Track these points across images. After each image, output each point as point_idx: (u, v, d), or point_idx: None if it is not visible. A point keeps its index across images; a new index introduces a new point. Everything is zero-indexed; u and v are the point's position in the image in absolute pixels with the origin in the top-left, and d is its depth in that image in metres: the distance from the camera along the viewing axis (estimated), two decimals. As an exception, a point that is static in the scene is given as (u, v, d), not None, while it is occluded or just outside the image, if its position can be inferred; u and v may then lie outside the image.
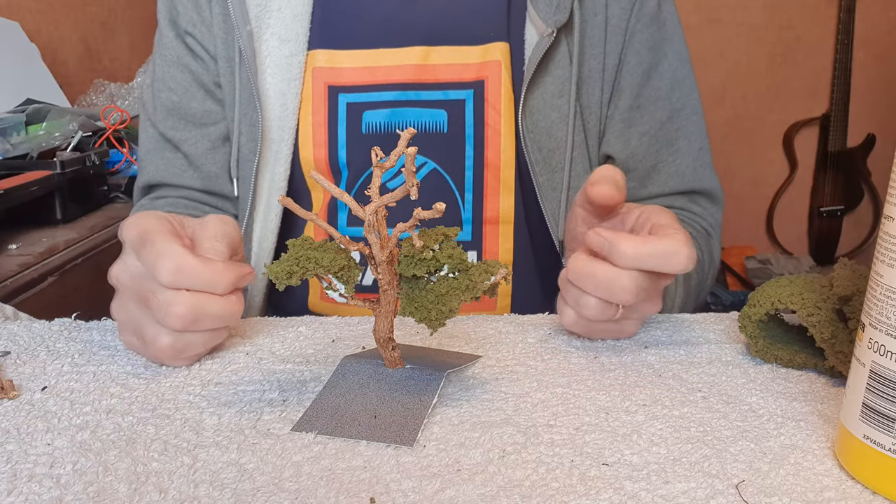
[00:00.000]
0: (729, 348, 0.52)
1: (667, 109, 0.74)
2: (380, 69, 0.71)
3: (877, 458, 0.34)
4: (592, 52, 0.71)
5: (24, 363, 0.50)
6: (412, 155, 0.38)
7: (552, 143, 0.70)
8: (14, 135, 1.19)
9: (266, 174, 0.73)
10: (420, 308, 0.42)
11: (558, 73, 0.70)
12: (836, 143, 2.62)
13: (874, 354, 0.34)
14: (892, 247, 0.33)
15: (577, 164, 0.71)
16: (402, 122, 0.71)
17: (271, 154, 0.73)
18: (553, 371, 0.48)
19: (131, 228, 0.47)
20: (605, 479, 0.36)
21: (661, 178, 0.75)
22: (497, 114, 0.70)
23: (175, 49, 0.77)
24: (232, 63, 0.74)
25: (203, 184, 0.78)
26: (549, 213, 0.71)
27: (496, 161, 0.71)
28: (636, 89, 0.73)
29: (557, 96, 0.70)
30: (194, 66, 0.76)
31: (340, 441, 0.39)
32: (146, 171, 0.80)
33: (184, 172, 0.78)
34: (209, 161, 0.78)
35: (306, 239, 0.42)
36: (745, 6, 2.60)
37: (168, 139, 0.78)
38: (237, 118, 0.74)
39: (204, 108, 0.77)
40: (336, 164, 0.73)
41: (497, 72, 0.70)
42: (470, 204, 0.72)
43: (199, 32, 0.75)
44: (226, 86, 0.75)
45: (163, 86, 0.77)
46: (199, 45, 0.76)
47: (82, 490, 0.35)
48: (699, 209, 0.76)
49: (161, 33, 0.78)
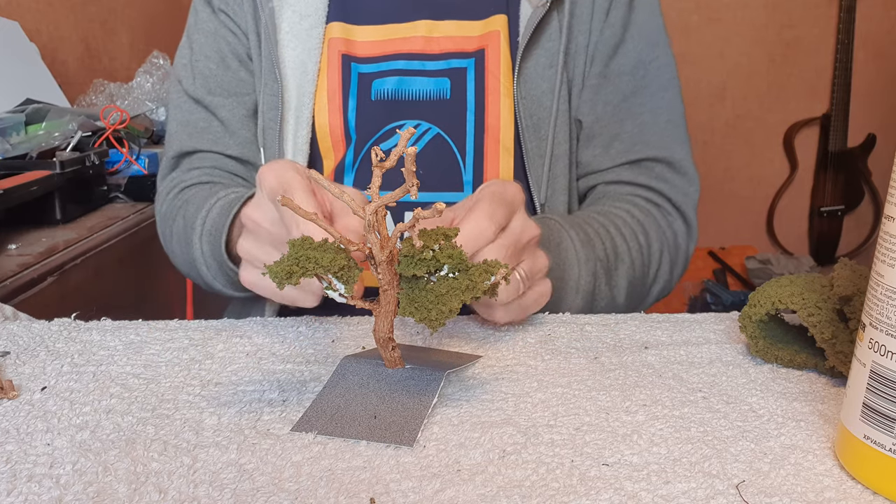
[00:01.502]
0: (729, 348, 0.51)
1: (631, 84, 0.77)
2: (389, 42, 0.76)
3: (877, 458, 0.34)
4: (580, 28, 0.76)
5: (24, 363, 0.50)
6: (412, 155, 0.38)
7: (541, 112, 0.75)
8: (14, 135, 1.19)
9: (289, 140, 0.77)
10: (420, 308, 0.42)
11: (549, 45, 0.74)
12: (837, 142, 2.62)
13: (875, 354, 0.34)
14: (893, 247, 0.33)
15: (560, 132, 0.75)
16: (409, 90, 0.76)
17: (292, 119, 0.77)
18: (553, 371, 0.48)
19: (270, 175, 0.51)
20: (606, 479, 0.36)
21: (623, 146, 0.78)
22: (496, 80, 0.74)
23: (211, 23, 0.82)
24: (259, 37, 0.79)
25: (239, 150, 0.81)
26: (534, 177, 0.75)
27: (496, 124, 0.75)
28: (605, 60, 0.77)
29: (548, 67, 0.74)
30: (230, 38, 0.81)
31: (340, 441, 0.39)
32: (178, 140, 0.82)
33: (219, 139, 0.81)
34: (245, 128, 0.81)
35: (306, 239, 0.42)
36: (745, 6, 2.60)
37: (205, 105, 0.81)
38: (262, 89, 0.78)
39: (238, 78, 0.81)
40: (346, 131, 0.76)
41: (496, 41, 0.74)
42: (471, 166, 0.76)
43: (232, 10, 0.81)
44: (255, 59, 0.80)
45: (201, 56, 0.82)
46: (232, 21, 0.81)
47: (82, 490, 0.35)
48: (665, 185, 0.77)
49: (196, 11, 0.83)
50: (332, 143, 0.76)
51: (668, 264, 0.75)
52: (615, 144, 0.78)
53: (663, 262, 0.75)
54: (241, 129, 0.81)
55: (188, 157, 0.82)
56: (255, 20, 0.79)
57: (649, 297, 0.75)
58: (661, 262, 0.74)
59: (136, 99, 1.60)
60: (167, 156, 0.84)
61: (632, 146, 0.77)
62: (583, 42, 0.76)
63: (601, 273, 0.67)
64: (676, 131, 0.79)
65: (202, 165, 0.81)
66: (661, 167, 0.78)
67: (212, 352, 0.52)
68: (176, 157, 0.83)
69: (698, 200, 0.79)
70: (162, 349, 0.52)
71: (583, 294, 0.66)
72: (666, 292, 0.77)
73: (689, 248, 0.79)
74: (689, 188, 0.78)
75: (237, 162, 0.81)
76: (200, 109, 0.82)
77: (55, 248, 0.99)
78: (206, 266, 0.72)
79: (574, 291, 0.65)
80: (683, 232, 0.78)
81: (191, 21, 0.84)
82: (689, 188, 0.78)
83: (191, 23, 0.84)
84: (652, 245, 0.73)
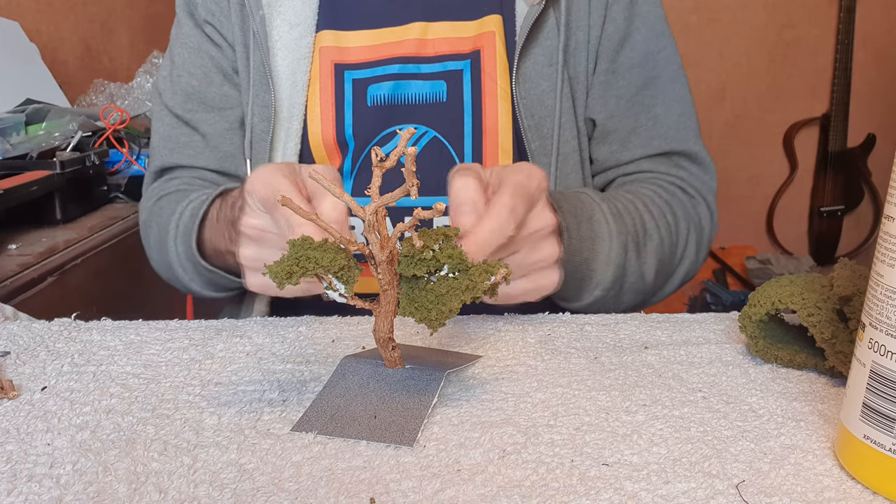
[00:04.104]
0: (729, 348, 0.52)
1: (642, 76, 0.77)
2: (382, 46, 0.75)
3: (877, 458, 0.34)
4: (578, 24, 0.75)
5: (24, 363, 0.50)
6: (412, 155, 0.38)
7: (543, 111, 0.74)
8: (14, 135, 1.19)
9: (279, 151, 0.76)
10: (420, 308, 0.42)
11: (548, 43, 0.74)
12: (837, 143, 2.62)
13: (874, 354, 0.34)
14: (893, 247, 0.33)
15: (566, 130, 0.75)
16: (405, 94, 0.75)
17: (283, 131, 0.76)
18: (553, 371, 0.48)
19: (259, 186, 0.52)
20: (605, 479, 0.36)
21: (641, 140, 0.77)
22: (493, 81, 0.74)
23: (195, 37, 0.81)
24: (247, 49, 0.78)
25: (219, 164, 0.81)
26: None
27: (494, 126, 0.74)
28: (611, 55, 0.77)
29: (547, 66, 0.74)
30: (214, 52, 0.80)
31: (340, 441, 0.39)
32: (160, 155, 0.83)
33: (199, 154, 0.81)
34: (226, 141, 0.81)
35: (306, 239, 0.42)
36: (745, 6, 2.60)
37: (186, 121, 0.81)
38: (251, 101, 0.77)
39: (222, 93, 0.81)
40: (343, 138, 0.76)
41: (492, 41, 0.74)
42: None
43: (218, 21, 0.79)
44: (242, 71, 0.79)
45: (183, 71, 0.81)
46: (218, 34, 0.80)
47: (82, 490, 0.35)
48: (685, 173, 0.78)
49: (179, 23, 0.82)
50: (327, 152, 0.76)
51: (695, 245, 0.75)
52: (632, 139, 0.77)
53: (689, 241, 0.74)
54: (224, 143, 0.81)
55: (170, 171, 0.83)
56: (242, 31, 0.78)
57: (675, 278, 0.75)
58: (687, 242, 0.74)
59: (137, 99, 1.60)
60: (150, 169, 0.85)
61: (649, 141, 0.77)
62: (583, 38, 0.75)
63: (631, 246, 0.67)
64: (689, 122, 0.79)
65: (182, 176, 0.82)
66: (680, 158, 0.78)
67: (212, 352, 0.52)
68: (158, 171, 0.83)
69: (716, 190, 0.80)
70: (162, 349, 0.52)
71: (614, 267, 0.65)
72: (691, 274, 0.77)
73: (712, 233, 0.79)
74: (707, 178, 0.79)
75: (218, 174, 0.82)
76: (181, 125, 0.82)
77: (55, 248, 0.99)
78: (182, 268, 0.72)
79: (605, 264, 0.64)
80: (707, 216, 0.78)
81: (173, 33, 0.83)
82: (707, 177, 0.79)
83: (173, 35, 0.83)
84: (679, 224, 0.73)
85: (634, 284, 0.68)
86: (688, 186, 0.77)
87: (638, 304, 0.71)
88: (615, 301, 0.67)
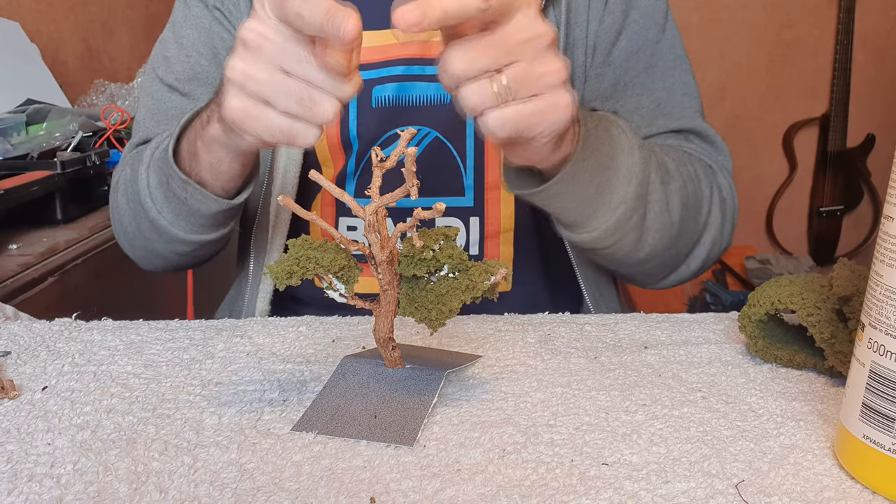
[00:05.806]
0: (729, 348, 0.52)
1: (641, 62, 0.76)
2: (387, 47, 0.75)
3: (876, 457, 0.34)
4: (577, 21, 0.75)
5: (25, 363, 0.50)
6: (412, 155, 0.38)
7: None
8: (14, 135, 1.19)
9: (282, 151, 0.76)
10: (420, 308, 0.42)
11: None
12: (836, 143, 2.62)
13: (874, 354, 0.34)
14: (892, 247, 0.33)
15: None
16: (409, 96, 0.75)
17: None
18: (553, 371, 0.48)
19: None
20: (605, 478, 0.36)
21: (643, 120, 0.76)
22: None
23: (205, 18, 0.80)
24: None
25: None
26: None
27: None
28: (607, 47, 0.76)
29: None
30: (225, 35, 0.80)
31: (340, 441, 0.39)
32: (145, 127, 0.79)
33: None
34: None
35: (306, 239, 0.42)
36: (745, 6, 2.60)
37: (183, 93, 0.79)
38: None
39: None
40: (347, 139, 0.76)
41: None
42: (472, 170, 0.75)
43: (227, 9, 0.79)
44: None
45: (193, 51, 0.80)
46: (227, 20, 0.79)
47: (83, 490, 0.35)
48: (696, 147, 0.76)
49: (187, 6, 0.80)
50: (331, 153, 0.75)
51: (719, 212, 0.72)
52: (634, 119, 0.76)
53: (714, 205, 0.71)
54: None
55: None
56: None
57: (701, 247, 0.71)
58: (711, 204, 0.71)
59: (137, 99, 1.60)
60: (131, 142, 0.81)
61: (652, 120, 0.76)
62: (580, 34, 0.75)
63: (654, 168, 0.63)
64: (694, 103, 0.77)
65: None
66: (690, 135, 0.76)
67: (212, 351, 0.52)
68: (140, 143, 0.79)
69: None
70: (162, 349, 0.52)
71: (636, 182, 0.61)
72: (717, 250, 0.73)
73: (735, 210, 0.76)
74: (721, 158, 0.76)
75: None
76: (176, 97, 0.79)
77: (56, 249, 0.99)
78: (151, 198, 0.67)
79: (626, 179, 0.61)
80: (728, 187, 0.75)
81: (178, 16, 0.81)
82: (721, 157, 0.76)
83: (178, 18, 0.81)
84: (701, 180, 0.70)
85: (660, 216, 0.64)
86: (705, 157, 0.75)
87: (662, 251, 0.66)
88: (638, 235, 0.63)
